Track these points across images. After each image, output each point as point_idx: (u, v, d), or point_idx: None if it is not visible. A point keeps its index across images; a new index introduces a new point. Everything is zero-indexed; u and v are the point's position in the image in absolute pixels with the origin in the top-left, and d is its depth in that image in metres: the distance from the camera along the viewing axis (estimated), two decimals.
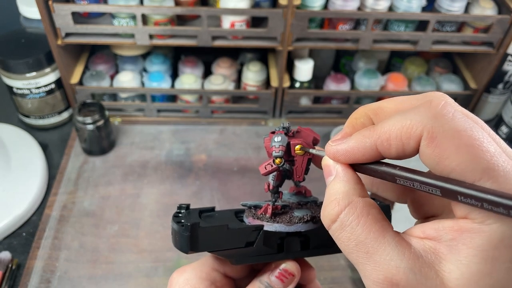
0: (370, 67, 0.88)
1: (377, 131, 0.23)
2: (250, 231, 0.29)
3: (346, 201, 0.24)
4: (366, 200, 0.24)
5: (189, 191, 0.75)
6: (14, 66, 0.76)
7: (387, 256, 0.22)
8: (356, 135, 0.24)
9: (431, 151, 0.21)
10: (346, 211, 0.23)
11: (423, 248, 0.22)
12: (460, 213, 0.21)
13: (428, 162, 0.22)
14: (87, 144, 0.78)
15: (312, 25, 0.77)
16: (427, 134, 0.21)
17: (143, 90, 0.83)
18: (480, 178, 0.20)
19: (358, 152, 0.24)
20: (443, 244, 0.22)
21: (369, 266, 0.22)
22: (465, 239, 0.21)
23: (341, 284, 0.64)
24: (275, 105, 0.86)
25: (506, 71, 0.82)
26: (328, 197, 0.25)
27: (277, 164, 0.29)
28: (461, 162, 0.20)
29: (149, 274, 0.64)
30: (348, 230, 0.23)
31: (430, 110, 0.22)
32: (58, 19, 0.72)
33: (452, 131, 0.21)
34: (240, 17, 0.74)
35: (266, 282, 0.30)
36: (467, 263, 0.20)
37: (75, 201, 0.72)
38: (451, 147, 0.21)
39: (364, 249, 0.22)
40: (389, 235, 0.22)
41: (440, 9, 0.77)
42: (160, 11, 0.73)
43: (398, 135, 0.22)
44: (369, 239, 0.22)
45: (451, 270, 0.21)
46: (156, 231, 0.69)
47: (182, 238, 0.28)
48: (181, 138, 0.84)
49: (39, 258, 0.65)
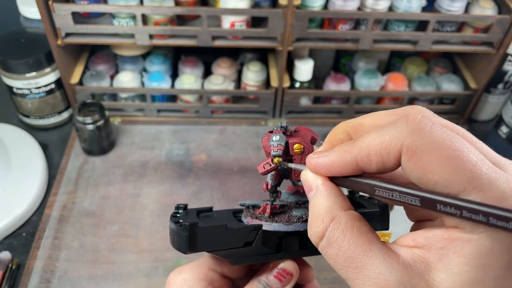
0: (370, 67, 0.88)
1: (357, 146, 0.23)
2: (248, 231, 0.29)
3: (329, 217, 0.24)
4: (350, 213, 0.24)
5: (189, 191, 0.75)
6: (14, 66, 0.76)
7: (376, 270, 0.22)
8: (337, 149, 0.24)
9: (412, 166, 0.21)
10: (330, 228, 0.23)
11: (412, 257, 0.22)
12: (450, 222, 0.21)
13: (411, 176, 0.22)
14: (87, 144, 0.78)
15: (312, 25, 0.77)
16: (406, 150, 0.21)
17: (143, 90, 0.83)
18: (465, 189, 0.20)
19: (339, 166, 0.24)
20: (433, 253, 0.22)
21: (359, 281, 0.22)
22: (456, 247, 0.21)
23: (341, 284, 0.64)
24: (275, 105, 0.86)
25: (506, 71, 0.82)
26: (312, 214, 0.25)
27: (275, 163, 0.29)
28: (444, 174, 0.20)
29: (149, 274, 0.64)
30: (335, 246, 0.23)
31: (407, 125, 0.22)
32: (58, 19, 0.72)
33: (431, 144, 0.21)
34: (240, 17, 0.74)
35: (264, 281, 0.30)
36: (458, 271, 0.20)
37: (75, 201, 0.73)
38: (432, 160, 0.21)
39: (353, 264, 0.22)
40: (376, 248, 0.22)
41: (440, 9, 0.77)
42: (160, 11, 0.73)
43: (377, 150, 0.22)
44: (356, 253, 0.22)
45: (441, 279, 0.21)
46: (156, 231, 0.69)
47: (181, 238, 0.28)
48: (181, 138, 0.84)
49: (39, 258, 0.65)
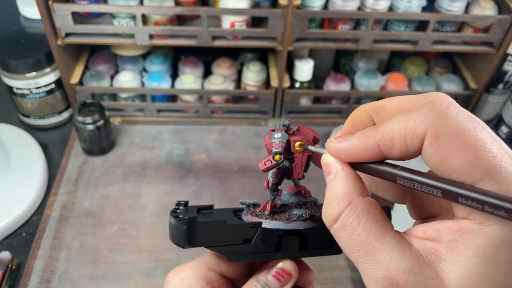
0: (370, 67, 0.88)
1: (380, 130, 0.23)
2: (248, 228, 0.29)
3: (347, 201, 0.24)
4: (367, 200, 0.24)
5: (189, 191, 0.75)
6: (14, 66, 0.76)
7: (388, 256, 0.22)
8: (359, 134, 0.24)
9: (434, 150, 0.21)
10: (347, 211, 0.23)
11: (423, 248, 0.22)
12: (461, 213, 0.21)
13: (430, 162, 0.22)
14: (87, 144, 0.78)
15: (312, 25, 0.77)
16: (430, 133, 0.21)
17: (143, 90, 0.83)
18: (482, 179, 0.20)
19: (360, 151, 0.24)
20: (443, 245, 0.22)
21: (370, 265, 0.22)
22: (466, 239, 0.21)
23: (341, 284, 0.64)
24: (275, 105, 0.86)
25: (506, 71, 0.82)
26: (329, 197, 0.25)
27: (276, 160, 0.29)
28: (463, 162, 0.20)
29: (149, 274, 0.64)
30: (349, 230, 0.23)
31: (434, 109, 0.22)
32: (58, 19, 0.72)
33: (455, 131, 0.21)
34: (240, 17, 0.74)
35: (263, 281, 0.30)
36: (467, 264, 0.20)
37: (75, 201, 0.73)
38: (454, 147, 0.21)
39: (365, 249, 0.22)
40: (390, 235, 0.23)
41: (440, 9, 0.77)
42: (160, 11, 0.73)
43: (402, 134, 0.22)
44: (369, 239, 0.22)
45: (451, 270, 0.21)
46: (156, 231, 0.69)
47: (179, 232, 0.28)
48: (181, 138, 0.84)
49: (39, 258, 0.65)
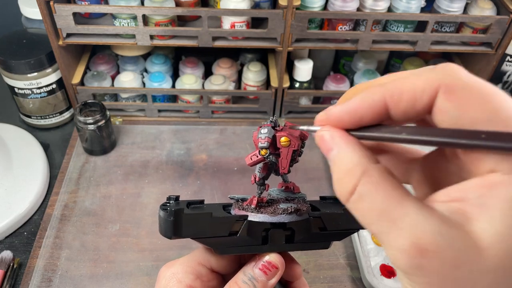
0: (370, 67, 0.88)
1: (387, 85, 0.22)
2: (234, 220, 0.30)
3: (360, 171, 0.22)
4: (381, 167, 0.22)
5: (190, 190, 0.75)
6: (16, 66, 0.76)
7: (412, 221, 0.20)
8: (364, 91, 0.23)
9: (450, 104, 0.20)
10: (362, 181, 0.22)
11: (449, 210, 0.20)
12: (486, 167, 0.20)
13: (446, 117, 0.21)
14: (88, 144, 0.78)
15: (311, 26, 0.77)
16: (445, 88, 0.21)
17: (144, 91, 0.84)
18: (506, 125, 0.19)
19: (366, 106, 0.22)
20: (471, 203, 0.20)
21: (394, 234, 0.20)
22: (496, 192, 0.19)
23: (341, 283, 0.64)
24: (275, 105, 0.87)
25: (505, 71, 0.83)
26: (339, 172, 0.23)
27: (262, 155, 0.30)
28: (485, 111, 0.20)
29: (150, 273, 0.64)
30: (367, 200, 0.21)
31: (445, 69, 0.21)
32: (59, 20, 0.72)
33: (472, 84, 0.20)
34: (240, 18, 0.75)
35: (249, 274, 0.31)
36: (502, 218, 0.19)
37: (76, 200, 0.73)
38: (472, 98, 0.20)
39: (387, 217, 0.21)
40: (411, 200, 0.21)
41: (439, 9, 0.77)
42: (161, 12, 0.73)
43: (411, 88, 0.21)
44: (391, 206, 0.21)
45: (483, 228, 0.19)
46: (157, 231, 0.68)
47: (166, 224, 0.29)
48: (181, 138, 0.84)
49: (40, 257, 0.65)
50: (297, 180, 0.36)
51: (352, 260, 0.67)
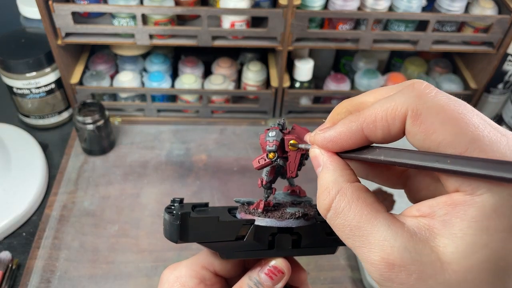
0: (370, 67, 0.88)
1: (363, 114, 0.24)
2: (240, 225, 0.29)
3: (336, 189, 0.24)
4: (355, 185, 0.24)
5: (189, 191, 0.75)
6: (14, 66, 0.76)
7: (381, 237, 0.22)
8: (343, 120, 0.25)
9: (417, 128, 0.22)
10: (337, 199, 0.24)
11: (417, 225, 0.22)
12: (452, 186, 0.21)
13: (415, 140, 0.22)
14: (87, 144, 0.78)
15: (312, 25, 0.77)
16: (411, 113, 0.22)
17: (143, 90, 0.83)
18: (467, 149, 0.20)
19: (345, 136, 0.25)
20: (437, 220, 0.22)
21: (365, 249, 0.22)
22: (458, 212, 0.21)
23: (341, 284, 0.64)
24: (275, 105, 0.86)
25: (506, 71, 0.82)
26: (320, 188, 0.25)
27: (270, 158, 0.29)
28: (447, 135, 0.21)
29: (149, 274, 0.64)
30: (341, 216, 0.24)
31: (413, 90, 0.22)
32: (58, 19, 0.72)
33: (436, 107, 0.21)
34: (240, 17, 0.74)
35: (255, 278, 0.30)
36: (462, 235, 0.20)
37: (75, 201, 0.73)
38: (436, 122, 0.21)
39: (359, 233, 0.23)
40: (382, 216, 0.23)
41: (440, 9, 0.77)
42: (160, 11, 0.73)
43: (383, 116, 0.23)
44: (361, 223, 0.23)
45: (446, 244, 0.21)
46: (156, 231, 0.69)
47: (172, 227, 0.28)
48: (181, 138, 0.84)
49: (39, 258, 0.65)
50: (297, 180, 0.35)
51: (353, 261, 0.67)
